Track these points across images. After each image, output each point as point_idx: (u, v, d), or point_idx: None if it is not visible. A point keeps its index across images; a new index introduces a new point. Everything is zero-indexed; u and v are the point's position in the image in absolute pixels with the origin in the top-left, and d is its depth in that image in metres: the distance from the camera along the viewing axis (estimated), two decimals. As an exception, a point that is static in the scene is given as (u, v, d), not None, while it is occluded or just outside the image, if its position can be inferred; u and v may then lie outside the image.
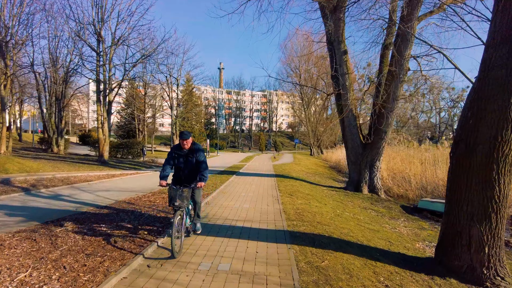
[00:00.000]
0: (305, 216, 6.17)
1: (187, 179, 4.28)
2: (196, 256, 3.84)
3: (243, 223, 5.51)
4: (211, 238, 4.57)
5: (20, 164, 11.92)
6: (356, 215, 8.00)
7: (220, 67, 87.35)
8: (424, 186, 13.46)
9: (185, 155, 4.23)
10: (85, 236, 4.35)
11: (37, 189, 8.40)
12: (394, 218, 8.85)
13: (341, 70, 11.79)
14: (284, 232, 4.98)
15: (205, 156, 4.33)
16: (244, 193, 9.04)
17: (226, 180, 11.77)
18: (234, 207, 6.96)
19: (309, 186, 12.18)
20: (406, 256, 4.73)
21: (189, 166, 4.26)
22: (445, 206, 4.16)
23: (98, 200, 7.25)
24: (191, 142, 4.24)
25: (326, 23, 12.03)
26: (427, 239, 6.76)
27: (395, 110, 11.56)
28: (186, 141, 4.16)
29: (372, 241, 5.29)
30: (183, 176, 4.29)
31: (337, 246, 4.47)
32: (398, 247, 5.35)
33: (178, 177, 4.34)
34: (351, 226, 6.18)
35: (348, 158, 12.83)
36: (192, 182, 4.21)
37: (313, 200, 8.52)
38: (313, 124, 42.67)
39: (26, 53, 20.05)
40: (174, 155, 4.25)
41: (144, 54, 17.95)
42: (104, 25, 16.95)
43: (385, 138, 11.64)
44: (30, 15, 17.00)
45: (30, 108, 45.82)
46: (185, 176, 4.29)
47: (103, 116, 17.01)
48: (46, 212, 5.84)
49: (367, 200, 10.88)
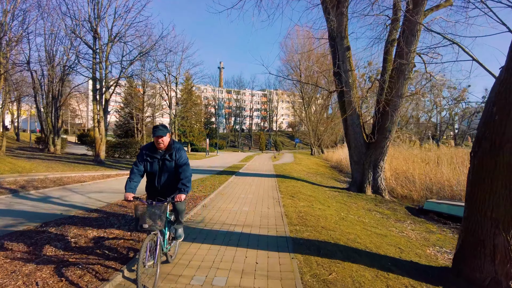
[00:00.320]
0: (309, 220, 5.78)
1: (164, 189, 3.29)
2: (189, 267, 3.45)
3: (242, 228, 5.12)
4: (207, 246, 4.18)
5: (11, 164, 11.53)
6: (361, 218, 7.61)
7: (220, 66, 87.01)
8: (429, 186, 13.06)
9: (161, 158, 3.25)
10: (68, 245, 3.96)
11: (26, 190, 8.01)
12: (400, 221, 8.47)
13: (344, 66, 11.39)
14: (286, 238, 4.59)
15: (188, 158, 3.38)
16: (243, 194, 8.65)
17: (225, 181, 11.37)
18: (233, 210, 6.57)
19: (311, 187, 11.79)
20: (419, 265, 4.33)
21: (167, 172, 3.29)
22: (465, 211, 3.76)
23: (89, 203, 6.85)
24: (168, 141, 3.27)
25: (328, 19, 11.62)
26: (437, 244, 6.38)
27: (400, 108, 11.18)
28: (162, 139, 3.16)
29: (381, 248, 4.90)
30: (158, 185, 3.31)
31: (345, 255, 4.08)
32: (409, 254, 4.96)
33: (151, 188, 3.37)
34: (357, 230, 5.79)
35: (351, 157, 12.43)
36: (171, 193, 3.16)
37: (316, 202, 8.13)
38: (313, 124, 42.27)
39: (22, 50, 19.68)
40: (146, 158, 3.25)
41: (142, 51, 17.55)
42: (101, 21, 16.56)
43: (389, 137, 11.24)
44: (27, 12, 16.63)
45: (29, 108, 45.39)
46: (162, 186, 3.30)
47: (100, 115, 16.61)
48: (30, 216, 5.45)
49: (371, 201, 10.50)
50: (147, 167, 3.29)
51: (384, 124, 10.95)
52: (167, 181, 3.31)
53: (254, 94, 77.65)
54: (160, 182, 3.32)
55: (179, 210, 3.41)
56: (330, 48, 12.85)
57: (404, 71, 10.28)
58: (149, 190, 3.43)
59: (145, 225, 2.76)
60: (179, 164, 3.27)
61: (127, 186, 3.09)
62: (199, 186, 9.90)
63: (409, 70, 10.44)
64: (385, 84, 10.94)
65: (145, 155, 3.26)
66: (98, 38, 16.47)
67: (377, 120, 11.24)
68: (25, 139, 35.80)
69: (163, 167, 3.28)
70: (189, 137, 40.81)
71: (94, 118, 16.96)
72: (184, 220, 3.92)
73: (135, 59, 17.60)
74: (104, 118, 17.06)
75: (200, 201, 7.26)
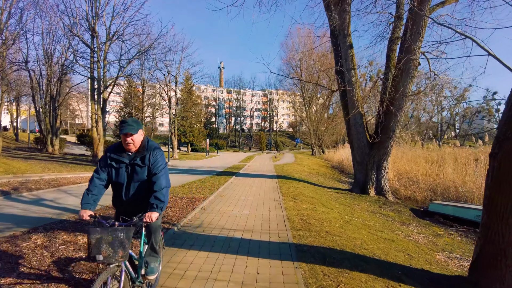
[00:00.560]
0: (312, 225, 5.50)
1: (133, 205, 2.50)
2: (185, 279, 3.17)
3: (242, 233, 4.84)
4: (204, 253, 3.91)
5: (6, 165, 11.26)
6: (366, 221, 7.34)
7: (220, 66, 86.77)
8: (433, 187, 12.78)
9: (130, 163, 2.48)
10: (54, 253, 3.68)
11: (18, 192, 7.74)
12: (406, 223, 8.20)
13: (347, 65, 11.12)
14: (290, 245, 4.31)
15: (166, 163, 2.60)
16: (243, 196, 8.38)
17: (224, 182, 11.09)
18: (233, 213, 6.29)
19: (313, 188, 11.51)
20: (432, 274, 4.06)
21: (137, 181, 2.50)
22: (483, 217, 3.49)
23: (83, 206, 6.57)
24: (141, 140, 2.52)
25: (330, 16, 11.35)
26: (446, 249, 6.10)
27: (404, 108, 10.91)
28: (132, 138, 2.41)
29: (390, 254, 4.62)
30: (126, 199, 2.53)
31: (352, 264, 3.81)
32: (419, 261, 4.69)
33: (118, 202, 2.60)
34: (363, 235, 5.51)
35: (354, 158, 12.15)
36: (144, 210, 2.36)
37: (319, 205, 7.85)
38: (314, 124, 41.99)
39: (19, 49, 19.43)
40: (111, 162, 2.48)
41: (141, 50, 17.29)
42: (99, 20, 16.30)
43: (393, 137, 10.96)
44: (24, 10, 16.38)
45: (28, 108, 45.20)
46: (130, 200, 2.52)
47: (98, 114, 16.35)
48: (19, 221, 5.18)
49: (374, 203, 10.23)
50: (111, 174, 2.50)
51: (388, 123, 10.68)
52: (137, 193, 2.51)
53: (254, 94, 77.38)
54: (129, 195, 2.51)
55: (152, 234, 2.60)
56: (332, 46, 12.58)
57: (408, 69, 10.01)
58: (116, 204, 2.66)
59: (99, 256, 1.99)
60: (153, 171, 2.47)
61: (83, 201, 2.36)
62: (198, 187, 9.63)
63: (413, 68, 10.17)
64: (389, 82, 10.68)
65: (109, 159, 2.48)
66: (96, 37, 16.21)
67: (381, 120, 10.97)
68: (24, 139, 35.60)
69: (133, 174, 2.49)
70: (189, 137, 40.54)
71: (92, 118, 16.70)
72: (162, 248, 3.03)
73: (133, 58, 17.36)
74: (102, 118, 16.80)
75: (198, 204, 6.99)
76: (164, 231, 4.51)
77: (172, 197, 7.72)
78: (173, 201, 7.23)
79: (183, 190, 9.05)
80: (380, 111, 11.06)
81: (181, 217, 5.74)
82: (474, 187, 10.74)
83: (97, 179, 2.47)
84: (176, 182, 10.67)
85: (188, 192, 8.81)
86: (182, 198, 7.74)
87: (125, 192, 2.52)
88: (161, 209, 2.33)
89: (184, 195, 8.24)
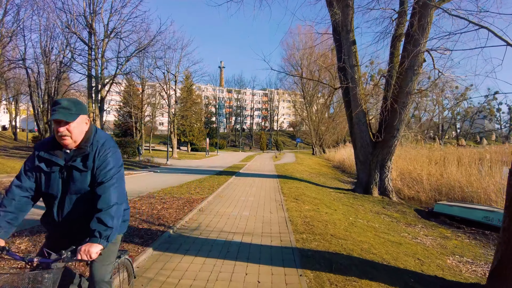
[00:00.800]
0: (316, 227, 5.22)
1: (70, 229, 1.68)
2: (178, 288, 2.90)
3: (241, 237, 4.56)
4: (201, 259, 3.62)
5: (1, 164, 11.00)
6: (371, 223, 7.05)
7: (220, 65, 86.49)
8: (437, 187, 12.50)
9: (66, 165, 1.63)
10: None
11: (10, 193, 7.46)
12: (411, 225, 7.92)
13: (350, 61, 10.83)
14: (293, 249, 4.03)
15: (122, 165, 1.77)
16: (243, 197, 8.09)
17: (224, 182, 10.81)
18: (232, 214, 6.01)
19: (315, 188, 11.23)
20: (446, 282, 3.77)
21: (76, 193, 1.64)
22: (504, 220, 3.20)
23: (76, 206, 6.30)
24: (85, 131, 1.66)
25: (332, 11, 11.07)
26: (456, 252, 5.81)
27: (408, 106, 10.63)
28: (69, 128, 1.57)
29: (399, 259, 4.34)
30: (59, 220, 1.66)
31: (361, 271, 3.52)
32: (430, 266, 4.40)
33: (48, 223, 1.73)
34: (369, 238, 5.23)
35: (357, 157, 11.86)
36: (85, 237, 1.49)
37: (322, 206, 7.57)
38: (315, 123, 41.71)
39: (16, 46, 19.18)
40: (39, 164, 1.63)
41: (139, 47, 17.02)
42: (96, 17, 16.03)
43: (397, 136, 10.68)
44: (20, 7, 16.13)
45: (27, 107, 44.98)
46: (65, 221, 1.66)
47: (95, 113, 16.09)
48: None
49: (378, 204, 9.95)
50: (40, 181, 1.64)
51: (392, 122, 10.39)
52: (76, 211, 1.65)
53: (255, 94, 77.11)
54: (62, 214, 1.65)
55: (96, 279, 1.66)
56: (334, 42, 12.27)
57: (413, 66, 9.72)
58: (46, 226, 1.78)
59: None
60: (98, 178, 1.61)
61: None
62: (196, 187, 9.35)
63: (418, 65, 9.89)
64: (392, 79, 10.40)
65: (38, 159, 1.64)
66: (93, 34, 15.96)
67: (384, 118, 10.68)
68: (23, 138, 35.37)
69: (69, 182, 1.63)
70: (189, 137, 40.26)
71: (90, 116, 16.44)
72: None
73: (132, 55, 17.10)
74: (100, 117, 16.54)
75: (196, 205, 6.71)
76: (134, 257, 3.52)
77: (169, 198, 7.44)
78: (170, 202, 6.95)
79: (181, 190, 8.77)
80: (383, 109, 10.78)
81: (177, 219, 5.45)
82: (480, 187, 10.45)
83: (17, 189, 1.62)
84: (174, 182, 10.41)
85: (186, 192, 8.53)
86: (179, 198, 7.46)
87: (58, 208, 1.65)
88: (106, 238, 1.47)
89: (182, 195, 7.96)
